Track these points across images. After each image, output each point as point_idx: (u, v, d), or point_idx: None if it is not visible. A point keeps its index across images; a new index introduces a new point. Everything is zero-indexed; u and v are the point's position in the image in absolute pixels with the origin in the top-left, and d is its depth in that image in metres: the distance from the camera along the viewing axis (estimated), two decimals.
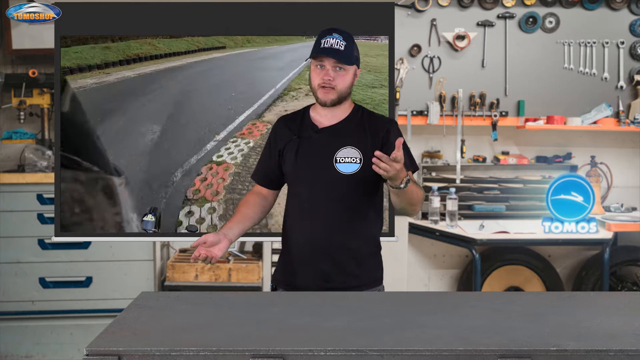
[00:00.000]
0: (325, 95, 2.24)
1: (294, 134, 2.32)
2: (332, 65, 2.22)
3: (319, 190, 2.26)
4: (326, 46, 2.21)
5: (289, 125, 2.35)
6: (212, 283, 3.97)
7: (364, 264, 2.29)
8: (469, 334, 1.51)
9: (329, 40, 2.21)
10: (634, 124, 4.52)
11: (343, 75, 2.24)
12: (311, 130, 2.31)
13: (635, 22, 4.59)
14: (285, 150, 2.33)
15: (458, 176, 4.56)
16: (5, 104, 4.37)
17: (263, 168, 2.43)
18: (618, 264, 4.48)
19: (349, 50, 2.23)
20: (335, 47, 2.21)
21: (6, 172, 4.16)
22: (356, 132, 2.28)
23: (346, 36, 2.24)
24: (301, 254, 2.29)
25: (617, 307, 1.80)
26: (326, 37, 2.23)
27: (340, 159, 2.24)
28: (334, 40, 2.21)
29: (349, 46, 2.23)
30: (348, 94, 2.29)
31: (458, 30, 4.55)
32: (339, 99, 2.26)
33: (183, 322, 1.64)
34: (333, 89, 2.23)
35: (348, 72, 2.25)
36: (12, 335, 4.04)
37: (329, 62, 2.22)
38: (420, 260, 4.75)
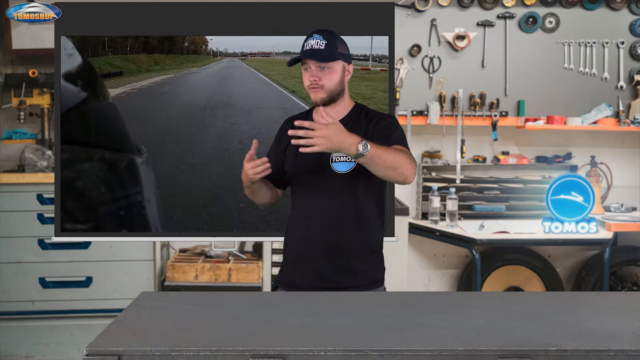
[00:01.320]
0: (315, 95, 2.27)
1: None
2: (316, 65, 2.25)
3: (316, 190, 2.27)
4: (307, 48, 2.25)
5: (293, 125, 2.36)
6: (212, 283, 3.97)
7: (362, 264, 2.29)
8: (469, 334, 1.51)
9: (309, 42, 2.25)
10: (634, 124, 4.52)
11: (329, 74, 2.25)
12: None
13: (635, 22, 4.59)
14: (287, 150, 2.34)
15: (458, 176, 4.56)
16: (5, 104, 4.37)
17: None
18: (618, 264, 4.48)
19: (330, 48, 2.24)
20: (315, 47, 2.24)
21: (6, 172, 4.16)
22: (353, 130, 2.28)
23: (327, 35, 2.26)
24: (300, 253, 2.30)
25: (617, 307, 1.80)
26: (307, 40, 2.27)
27: (336, 157, 2.25)
28: (314, 41, 2.24)
29: (330, 44, 2.25)
30: (340, 91, 2.29)
31: (458, 30, 4.55)
32: (330, 97, 2.27)
33: (183, 322, 1.63)
34: (321, 87, 2.25)
35: (334, 69, 2.26)
36: (12, 335, 4.04)
37: (312, 64, 2.25)
38: (420, 260, 4.75)
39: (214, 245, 3.54)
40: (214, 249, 4.02)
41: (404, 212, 4.04)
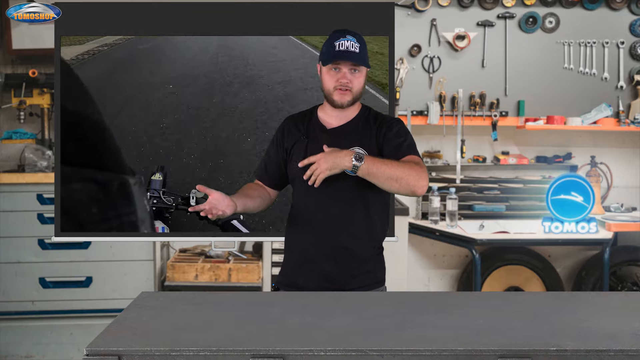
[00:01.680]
0: (342, 98, 2.23)
1: (302, 133, 2.31)
2: (349, 67, 2.22)
3: (325, 191, 2.23)
4: (342, 49, 2.20)
5: (298, 125, 2.34)
6: (212, 283, 3.97)
7: (366, 264, 2.28)
8: (469, 334, 1.51)
9: (344, 43, 2.20)
10: (634, 124, 4.52)
11: (358, 77, 2.24)
12: (319, 131, 2.30)
13: (635, 22, 4.59)
14: (293, 149, 2.31)
15: (458, 176, 4.56)
16: (5, 104, 4.37)
17: (268, 167, 2.40)
18: (618, 264, 4.48)
19: (363, 51, 2.23)
20: (351, 49, 2.20)
21: (6, 172, 4.16)
22: (363, 132, 2.27)
23: (359, 37, 2.24)
24: (305, 255, 2.29)
25: (617, 307, 1.80)
26: (340, 39, 2.21)
27: None
28: (349, 43, 2.20)
29: (362, 47, 2.23)
30: (361, 94, 2.29)
31: (458, 30, 4.55)
32: (354, 101, 2.26)
33: (183, 322, 1.63)
34: (349, 90, 2.23)
35: (362, 73, 2.25)
36: (12, 335, 4.04)
37: (346, 65, 2.22)
38: (420, 260, 4.75)
39: (214, 245, 3.54)
40: (214, 249, 4.02)
41: (404, 212, 4.05)
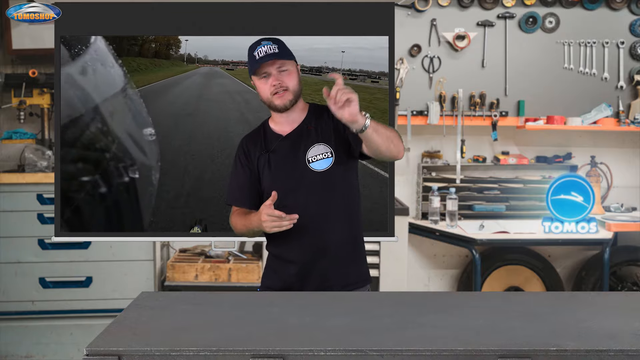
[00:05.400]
0: (282, 100, 2.23)
1: (262, 149, 2.30)
2: (276, 69, 2.23)
3: (300, 194, 2.22)
4: (262, 55, 2.21)
5: (255, 142, 2.33)
6: (212, 283, 3.97)
7: (350, 262, 2.27)
8: (469, 334, 1.51)
9: (261, 50, 2.22)
10: (634, 124, 4.52)
11: (289, 75, 2.25)
12: (276, 141, 2.29)
13: (635, 22, 4.59)
14: (259, 166, 2.29)
15: (458, 176, 4.56)
16: (5, 104, 4.37)
17: (243, 189, 2.33)
18: (618, 264, 4.48)
19: (283, 50, 2.24)
20: (270, 52, 2.21)
21: (6, 172, 4.16)
22: (319, 127, 2.27)
23: (275, 40, 2.26)
24: (284, 257, 2.27)
25: (617, 307, 1.80)
26: (257, 48, 2.23)
27: (312, 158, 2.23)
28: (267, 47, 2.22)
29: (281, 47, 2.25)
30: (300, 90, 2.28)
31: (458, 30, 4.55)
32: (296, 99, 2.26)
33: (183, 322, 1.63)
34: (286, 90, 2.23)
35: (291, 70, 2.26)
36: (12, 335, 4.04)
37: (272, 68, 2.22)
38: (420, 260, 4.75)
39: (214, 245, 3.55)
40: (214, 249, 4.03)
41: (404, 212, 4.04)
